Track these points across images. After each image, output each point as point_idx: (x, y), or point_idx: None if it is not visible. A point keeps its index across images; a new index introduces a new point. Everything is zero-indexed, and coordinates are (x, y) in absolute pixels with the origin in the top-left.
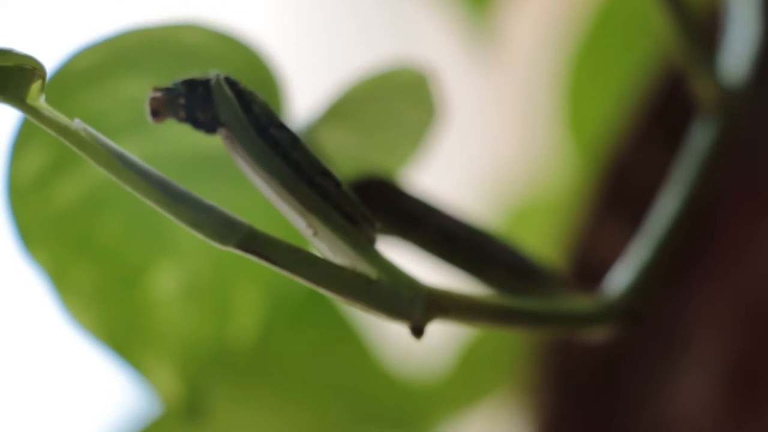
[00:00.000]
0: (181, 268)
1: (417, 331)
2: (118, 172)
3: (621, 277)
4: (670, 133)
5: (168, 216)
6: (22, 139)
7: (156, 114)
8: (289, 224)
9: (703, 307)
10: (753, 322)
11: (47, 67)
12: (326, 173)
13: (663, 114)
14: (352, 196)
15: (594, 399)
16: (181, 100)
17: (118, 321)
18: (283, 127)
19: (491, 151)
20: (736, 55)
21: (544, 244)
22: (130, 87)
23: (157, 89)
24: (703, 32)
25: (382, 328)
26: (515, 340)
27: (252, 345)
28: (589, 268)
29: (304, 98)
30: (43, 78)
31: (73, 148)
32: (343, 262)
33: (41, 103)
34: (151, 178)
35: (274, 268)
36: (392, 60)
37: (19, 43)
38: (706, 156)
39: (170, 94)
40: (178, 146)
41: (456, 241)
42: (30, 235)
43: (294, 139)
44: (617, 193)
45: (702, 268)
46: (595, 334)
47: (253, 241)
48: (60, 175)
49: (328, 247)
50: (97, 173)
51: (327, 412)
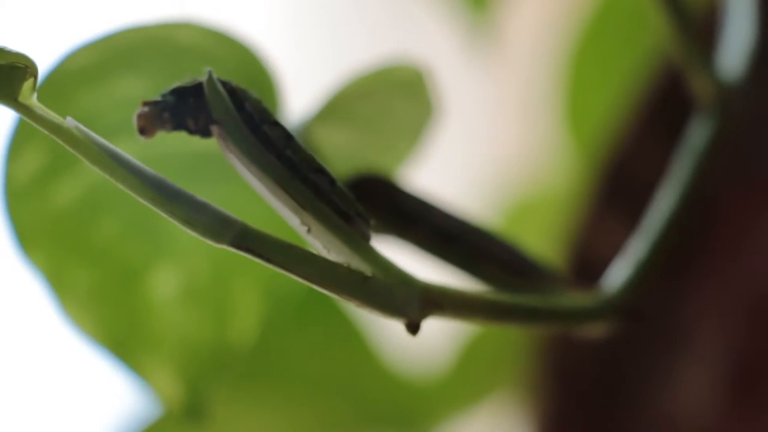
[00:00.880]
0: (179, 269)
1: (412, 328)
2: (111, 170)
3: (619, 273)
4: (668, 129)
5: (162, 214)
6: (18, 141)
7: (143, 132)
8: (283, 222)
9: (703, 303)
10: (754, 318)
11: (41, 65)
12: (320, 170)
13: (662, 110)
14: (347, 193)
15: (595, 396)
16: (165, 114)
17: (116, 323)
18: (277, 125)
19: (490, 148)
20: (734, 52)
21: (543, 241)
22: (126, 86)
23: (145, 103)
24: (700, 29)
25: (383, 327)
26: (516, 338)
27: (252, 345)
28: (589, 264)
29: (304, 96)
30: (36, 76)
31: (66, 147)
32: (337, 259)
33: (33, 102)
34: (145, 176)
35: (269, 266)
36: (389, 57)
37: (13, 41)
38: (703, 152)
39: (156, 109)
40: (173, 145)
41: (453, 238)
42: (27, 237)
43: (287, 137)
44: (616, 189)
45: (702, 265)
46: (593, 331)
47: (247, 239)
48: (57, 176)
49: (323, 244)
50: (93, 174)
51: (328, 412)
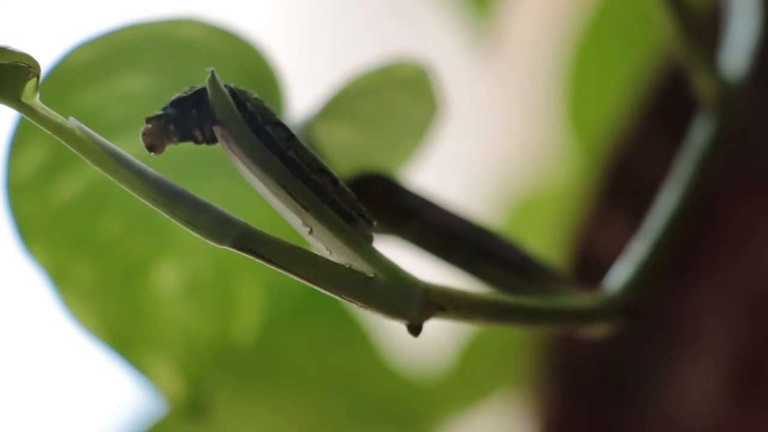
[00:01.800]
0: (181, 265)
1: (414, 329)
2: (113, 170)
3: (621, 273)
4: (671, 127)
5: (164, 215)
6: (20, 136)
7: (152, 149)
8: (285, 222)
9: (706, 302)
10: (757, 317)
11: (43, 64)
12: (323, 170)
13: (664, 109)
14: (350, 194)
15: (598, 395)
16: (170, 127)
17: (118, 320)
18: (279, 125)
19: (494, 147)
20: (737, 51)
21: (545, 239)
22: (128, 82)
23: (148, 119)
24: (703, 28)
25: (386, 325)
26: (519, 337)
27: (254, 342)
28: (592, 262)
29: (307, 94)
30: (38, 76)
31: (68, 147)
32: (339, 260)
33: (36, 102)
34: (147, 176)
35: (270, 266)
36: (392, 54)
37: (15, 39)
38: (706, 151)
39: (159, 123)
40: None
41: (456, 238)
42: (29, 233)
43: (290, 137)
44: (619, 187)
45: (705, 263)
46: (596, 331)
47: (249, 240)
48: (59, 171)
49: (325, 245)
50: (95, 171)
51: (330, 410)
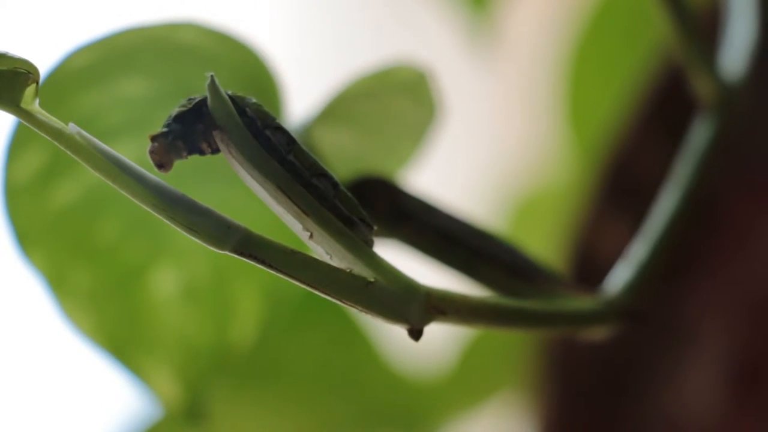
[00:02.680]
0: (179, 270)
1: (415, 334)
2: (114, 176)
3: (621, 275)
4: (670, 128)
5: (164, 220)
6: (18, 141)
7: (162, 166)
8: (284, 227)
9: (706, 303)
10: (757, 317)
11: (41, 68)
12: (324, 175)
13: (663, 110)
14: (351, 198)
15: (598, 396)
16: (178, 142)
17: (116, 324)
18: (279, 129)
19: (492, 148)
20: (736, 52)
21: (544, 240)
22: (127, 86)
23: (153, 138)
24: (702, 29)
25: (386, 328)
26: (519, 339)
27: (251, 346)
28: (590, 262)
29: (304, 98)
30: (37, 82)
31: (68, 153)
32: (340, 265)
33: (35, 107)
34: (147, 182)
35: (271, 271)
36: (391, 58)
37: (14, 44)
38: (706, 152)
39: (166, 140)
40: None
41: (455, 241)
42: (27, 238)
43: (290, 141)
44: (618, 188)
45: (704, 264)
46: (597, 333)
47: (249, 245)
48: (57, 176)
49: (325, 250)
50: (94, 175)
51: (330, 412)
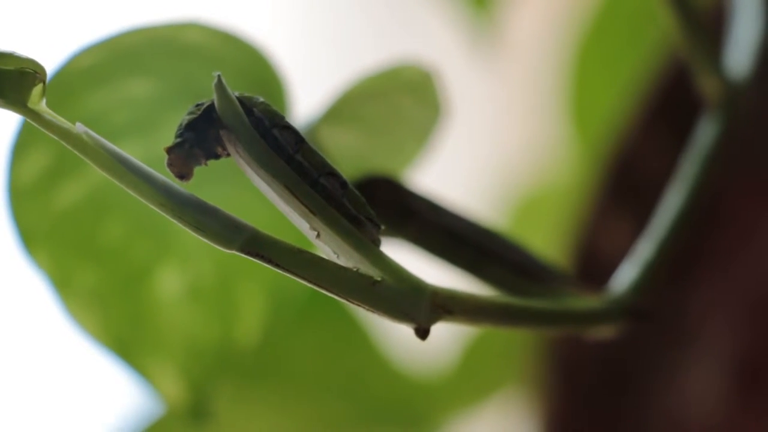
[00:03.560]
0: (183, 269)
1: (421, 333)
2: (121, 176)
3: (627, 274)
4: (673, 126)
5: (171, 220)
6: (23, 141)
7: (183, 177)
8: (291, 226)
9: (709, 302)
10: (760, 317)
11: (48, 68)
12: (332, 173)
13: (667, 108)
14: (359, 197)
15: (600, 395)
16: (195, 150)
17: (120, 324)
18: (288, 128)
19: (497, 147)
20: (741, 50)
21: (548, 239)
22: (132, 87)
23: (169, 150)
24: (707, 27)
25: (389, 326)
26: (522, 337)
27: (256, 346)
28: (594, 261)
29: (307, 98)
30: (44, 82)
31: (75, 152)
32: (347, 264)
33: (42, 107)
34: (155, 181)
35: (278, 271)
36: (396, 57)
37: (20, 44)
38: (711, 151)
39: (182, 150)
40: None
41: (462, 240)
42: (32, 238)
43: (298, 140)
44: (622, 186)
45: (708, 263)
46: (603, 332)
47: (257, 244)
48: (62, 176)
49: (332, 249)
50: (98, 175)
51: (333, 411)
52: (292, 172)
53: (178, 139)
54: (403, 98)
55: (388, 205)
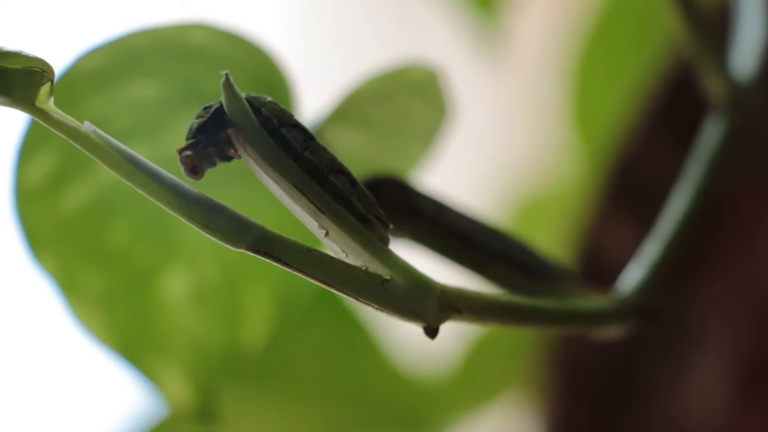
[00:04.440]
0: (190, 272)
1: (430, 332)
2: (130, 174)
3: (633, 275)
4: (677, 128)
5: (180, 218)
6: (30, 143)
7: (197, 172)
8: (300, 224)
9: (713, 303)
10: (763, 318)
11: (56, 69)
12: (342, 171)
13: (670, 110)
14: (369, 196)
15: (604, 397)
16: (210, 149)
17: (127, 327)
18: (296, 126)
19: (500, 149)
20: (746, 51)
21: (553, 240)
22: (138, 88)
23: (182, 151)
24: (712, 28)
25: (392, 328)
26: (525, 339)
27: (262, 348)
28: (597, 263)
29: (313, 100)
30: (52, 81)
31: (84, 151)
32: (355, 263)
33: (50, 106)
34: (163, 180)
35: (287, 269)
36: (401, 58)
37: (27, 44)
38: (716, 152)
39: (197, 150)
40: None
41: (469, 240)
42: (38, 241)
43: (307, 138)
44: (625, 188)
45: (711, 265)
46: (609, 333)
47: (265, 243)
48: (68, 179)
49: (341, 248)
50: (105, 177)
51: (336, 413)
52: (301, 170)
53: (191, 141)
54: (409, 99)
55: (394, 205)
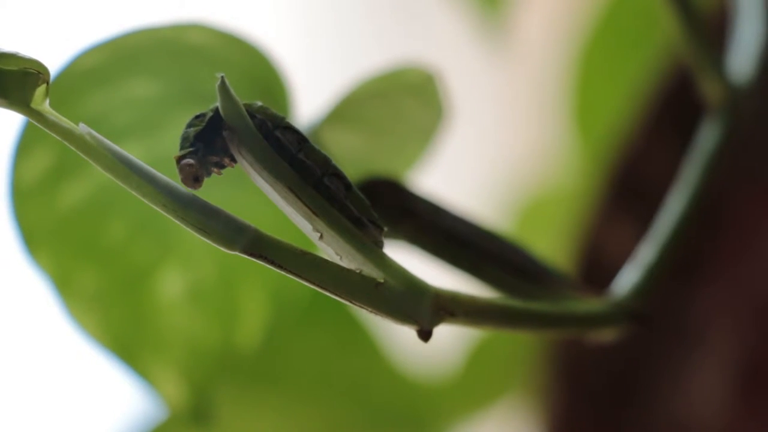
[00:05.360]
0: (186, 271)
1: (424, 335)
2: (124, 176)
3: (629, 278)
4: (677, 130)
5: (174, 220)
6: (25, 142)
7: (198, 179)
8: (293, 227)
9: (713, 304)
10: (764, 319)
11: (51, 69)
12: (336, 174)
13: (670, 112)
14: (363, 199)
15: (605, 398)
16: (211, 158)
17: (122, 326)
18: (289, 128)
19: (501, 149)
20: (744, 54)
21: (551, 241)
22: (135, 88)
23: (180, 159)
24: (710, 31)
25: (392, 329)
26: (526, 341)
27: (257, 348)
28: (597, 264)
29: (315, 99)
30: (48, 82)
31: (78, 153)
32: (349, 266)
33: (46, 108)
34: (158, 182)
35: (281, 272)
36: (399, 59)
37: (23, 44)
38: (714, 155)
39: (197, 156)
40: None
41: (464, 242)
42: (33, 239)
43: (300, 140)
44: (625, 190)
45: (712, 266)
46: (605, 336)
47: (260, 246)
48: (64, 177)
49: (335, 251)
50: (101, 176)
51: (336, 415)
52: (295, 173)
53: (190, 149)
54: (406, 100)
55: (390, 207)
